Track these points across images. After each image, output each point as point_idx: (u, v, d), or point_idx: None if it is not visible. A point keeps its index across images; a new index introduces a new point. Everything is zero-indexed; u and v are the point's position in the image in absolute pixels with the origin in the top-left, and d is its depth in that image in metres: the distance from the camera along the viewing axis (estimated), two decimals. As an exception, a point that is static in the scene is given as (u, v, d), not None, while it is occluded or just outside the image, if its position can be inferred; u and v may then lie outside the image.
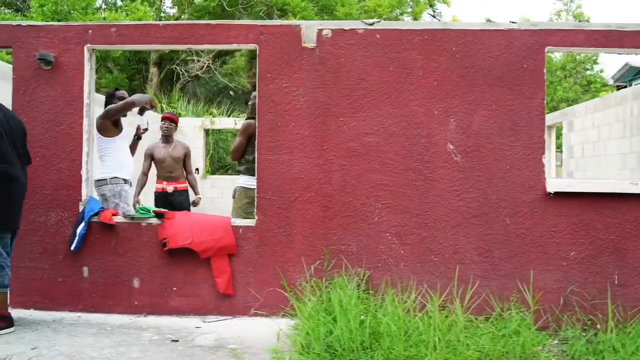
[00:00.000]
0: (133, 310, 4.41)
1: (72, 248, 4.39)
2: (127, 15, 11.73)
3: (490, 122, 4.28)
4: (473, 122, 4.28)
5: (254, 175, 4.79)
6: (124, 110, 4.76)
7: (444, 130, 4.29)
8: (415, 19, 12.70)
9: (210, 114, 10.65)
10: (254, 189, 4.78)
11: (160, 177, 5.87)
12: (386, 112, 4.31)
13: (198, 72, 13.88)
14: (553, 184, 4.24)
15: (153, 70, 14.92)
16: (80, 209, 4.46)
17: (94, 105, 4.60)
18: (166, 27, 4.45)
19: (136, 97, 4.79)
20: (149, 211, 4.47)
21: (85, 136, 4.48)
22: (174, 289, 4.39)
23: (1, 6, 14.04)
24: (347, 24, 4.39)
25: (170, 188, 5.74)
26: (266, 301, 4.33)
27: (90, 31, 4.48)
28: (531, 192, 4.24)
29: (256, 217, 4.36)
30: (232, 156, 4.96)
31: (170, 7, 14.17)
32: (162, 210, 4.50)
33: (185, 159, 5.84)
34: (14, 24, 4.58)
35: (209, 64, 14.10)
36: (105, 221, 4.39)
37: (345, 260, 4.27)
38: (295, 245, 4.33)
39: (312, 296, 4.07)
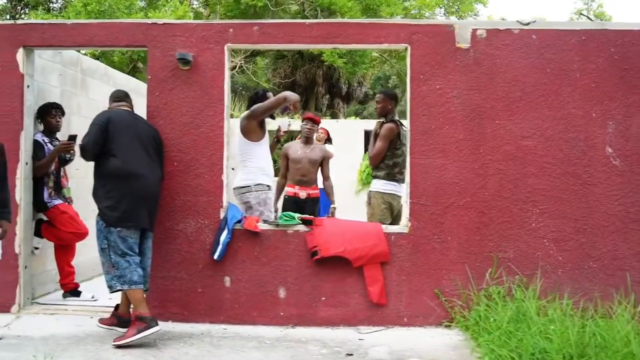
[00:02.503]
0: (279, 322, 4.22)
1: (215, 257, 4.19)
2: (171, 13, 11.45)
3: (649, 125, 4.18)
4: (632, 125, 4.17)
5: (392, 180, 4.64)
6: (274, 108, 4.42)
7: (603, 134, 4.18)
8: (460, 18, 12.68)
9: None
10: (390, 193, 4.64)
11: (292, 181, 5.45)
12: (543, 115, 4.19)
13: (235, 72, 13.62)
14: None
15: (181, 70, 14.59)
16: (221, 215, 4.26)
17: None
18: (313, 25, 4.27)
19: (287, 93, 4.45)
20: (293, 218, 4.28)
21: (225, 139, 4.28)
22: (323, 298, 4.21)
23: (38, 6, 13.63)
24: (502, 24, 4.27)
25: (303, 194, 5.32)
26: (419, 310, 4.18)
27: (231, 30, 4.28)
28: (691, 197, 4.15)
29: (409, 224, 4.20)
30: (372, 161, 4.73)
31: (199, 7, 13.87)
32: (310, 217, 4.32)
33: (322, 163, 5.53)
34: (149, 22, 4.37)
35: (241, 64, 13.86)
36: (250, 229, 4.19)
37: (511, 266, 4.13)
38: (450, 252, 4.18)
39: (481, 306, 3.94)
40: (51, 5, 15.63)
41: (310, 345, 3.83)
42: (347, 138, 10.10)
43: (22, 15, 16.14)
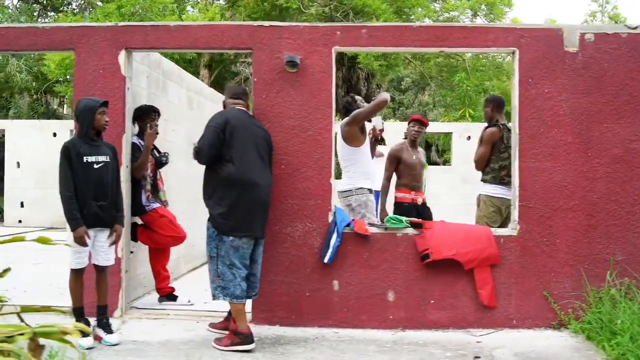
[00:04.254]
0: (388, 325, 4.21)
1: (325, 261, 4.18)
2: (202, 15, 11.39)
3: None
4: None
5: (500, 184, 4.66)
6: (376, 111, 4.48)
7: None
8: (492, 21, 12.78)
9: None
10: (500, 197, 4.67)
11: (406, 186, 5.29)
12: (650, 118, 4.23)
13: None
14: None
15: (203, 72, 14.53)
16: (329, 219, 4.25)
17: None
18: (421, 29, 4.27)
19: (387, 95, 4.48)
20: (401, 221, 4.28)
21: (333, 143, 4.27)
22: (432, 302, 4.22)
23: (59, 8, 13.48)
24: (610, 28, 4.31)
25: (419, 199, 5.25)
26: (528, 312, 4.20)
27: (338, 32, 4.28)
28: None
29: (518, 227, 4.22)
30: (476, 166, 4.78)
31: (226, 10, 13.80)
32: (418, 220, 4.32)
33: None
34: (255, 24, 4.35)
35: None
36: (360, 232, 4.19)
37: (626, 268, 4.15)
38: (558, 254, 4.21)
39: (597, 307, 3.96)
40: (66, 7, 15.48)
41: (431, 348, 3.83)
42: (388, 140, 10.11)
43: (38, 18, 15.98)
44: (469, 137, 10.11)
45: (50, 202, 9.70)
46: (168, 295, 4.70)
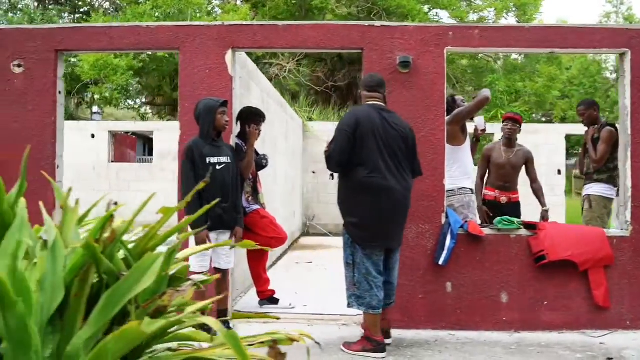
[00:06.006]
0: (501, 327, 4.19)
1: (440, 262, 4.15)
2: (233, 14, 11.32)
3: None
4: None
5: (612, 184, 4.68)
6: (477, 110, 4.46)
7: None
8: (528, 21, 12.83)
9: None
10: (610, 198, 4.71)
11: (491, 185, 5.32)
12: None
13: (287, 75, 13.54)
14: None
15: (227, 72, 14.43)
16: (442, 220, 4.22)
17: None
18: (531, 29, 4.26)
19: (487, 93, 4.45)
20: (512, 222, 4.26)
21: (445, 143, 4.25)
22: (545, 303, 4.20)
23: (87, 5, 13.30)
24: None
25: (503, 199, 5.23)
26: (641, 314, 4.21)
27: (450, 33, 4.25)
28: None
29: (630, 227, 4.22)
30: (598, 165, 4.78)
31: (251, 10, 13.72)
32: (532, 221, 4.30)
33: (527, 166, 5.44)
34: (365, 24, 4.31)
35: (290, 67, 13.79)
36: (475, 233, 4.16)
37: None
38: (671, 255, 4.22)
39: None
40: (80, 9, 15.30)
41: (558, 349, 3.82)
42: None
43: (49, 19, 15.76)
44: (509, 138, 10.13)
45: (87, 203, 9.53)
46: (269, 298, 4.64)
